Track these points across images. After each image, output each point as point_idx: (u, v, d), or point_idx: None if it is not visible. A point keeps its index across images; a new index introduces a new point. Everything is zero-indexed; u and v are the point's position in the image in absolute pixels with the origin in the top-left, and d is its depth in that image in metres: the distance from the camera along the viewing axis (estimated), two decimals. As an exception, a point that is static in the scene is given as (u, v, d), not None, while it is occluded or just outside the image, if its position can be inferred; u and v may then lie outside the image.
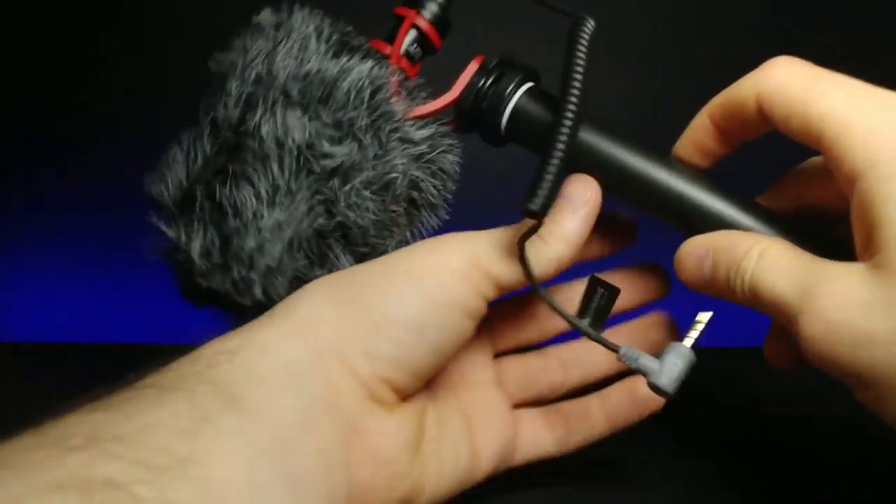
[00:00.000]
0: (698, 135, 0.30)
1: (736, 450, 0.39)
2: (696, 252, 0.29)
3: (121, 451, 0.20)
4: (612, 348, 0.27)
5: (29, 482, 0.19)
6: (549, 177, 0.25)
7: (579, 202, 0.29)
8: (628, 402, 0.32)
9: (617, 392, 0.33)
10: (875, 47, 0.54)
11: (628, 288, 0.33)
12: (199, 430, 0.22)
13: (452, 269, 0.26)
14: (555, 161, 0.26)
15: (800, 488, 0.35)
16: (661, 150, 0.31)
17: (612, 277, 0.30)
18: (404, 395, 0.27)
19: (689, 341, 0.27)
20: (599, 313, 0.28)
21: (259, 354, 0.24)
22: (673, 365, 0.26)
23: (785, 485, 0.36)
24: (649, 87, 0.57)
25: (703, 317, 0.27)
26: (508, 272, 0.27)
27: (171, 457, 0.21)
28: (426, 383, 0.28)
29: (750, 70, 0.28)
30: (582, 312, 0.28)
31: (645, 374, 0.26)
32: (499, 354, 0.34)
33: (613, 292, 0.28)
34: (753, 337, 0.32)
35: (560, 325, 0.34)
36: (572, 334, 0.33)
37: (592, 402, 0.33)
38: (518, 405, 0.33)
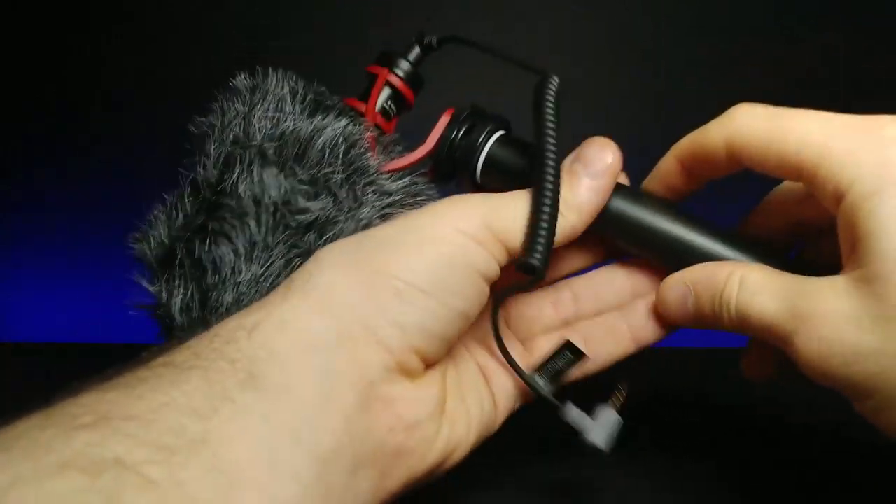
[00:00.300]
0: (667, 176, 0.31)
1: (732, 449, 0.39)
2: (676, 289, 0.29)
3: (132, 431, 0.20)
4: (556, 406, 0.28)
5: (34, 463, 0.18)
6: (544, 229, 0.26)
7: (597, 169, 0.28)
8: (655, 315, 0.31)
9: (642, 306, 0.31)
10: (877, 46, 0.54)
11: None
12: (215, 409, 0.21)
13: (468, 234, 0.26)
14: (547, 212, 0.26)
15: (796, 488, 0.35)
16: (664, 148, 0.31)
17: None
18: (430, 363, 0.26)
19: (614, 407, 0.29)
20: (557, 373, 0.29)
21: (279, 331, 0.23)
22: (609, 426, 0.28)
23: (781, 485, 0.36)
24: (652, 85, 0.57)
25: (624, 386, 0.29)
26: (520, 241, 0.27)
27: (183, 437, 0.20)
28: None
29: (753, 68, 0.28)
30: (541, 368, 0.29)
31: (582, 432, 0.28)
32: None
33: (580, 358, 0.29)
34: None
35: (571, 267, 0.32)
36: (586, 270, 0.33)
37: (614, 319, 0.31)
38: (529, 340, 0.32)
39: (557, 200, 0.26)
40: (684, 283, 0.29)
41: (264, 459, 0.21)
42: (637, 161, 0.32)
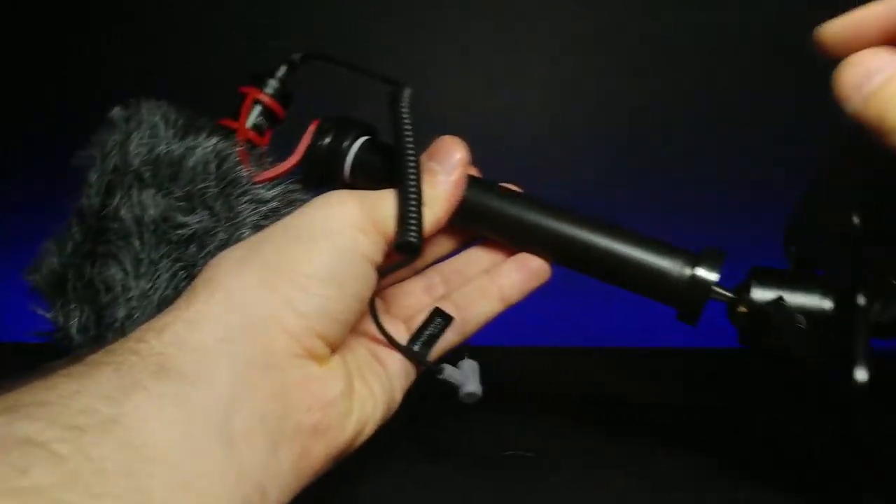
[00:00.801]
0: (854, 40, 0.25)
1: (732, 449, 0.39)
2: (857, 71, 0.24)
3: (42, 415, 0.20)
4: (435, 371, 0.31)
5: None
6: (414, 212, 0.29)
7: (450, 165, 0.31)
8: (520, 273, 0.33)
9: (507, 267, 0.34)
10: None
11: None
12: (127, 396, 0.22)
13: (355, 225, 0.28)
14: (414, 200, 0.29)
15: (797, 488, 0.35)
16: (663, 147, 0.31)
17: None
18: (334, 347, 0.28)
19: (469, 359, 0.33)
20: (430, 339, 0.32)
21: (189, 328, 0.25)
22: (475, 373, 0.32)
23: (779, 482, 0.36)
24: (651, 85, 0.57)
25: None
26: (394, 229, 0.29)
27: (94, 418, 0.21)
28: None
29: (752, 67, 0.27)
30: (415, 336, 0.32)
31: (459, 386, 0.31)
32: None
33: (448, 321, 0.32)
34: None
35: (437, 254, 0.35)
36: (453, 255, 0.36)
37: (483, 281, 0.34)
38: (410, 321, 0.34)
39: (420, 190, 0.30)
40: (871, 70, 0.24)
41: (177, 439, 0.22)
42: (637, 161, 0.33)
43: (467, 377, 0.32)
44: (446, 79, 0.56)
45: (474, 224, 0.34)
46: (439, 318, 0.32)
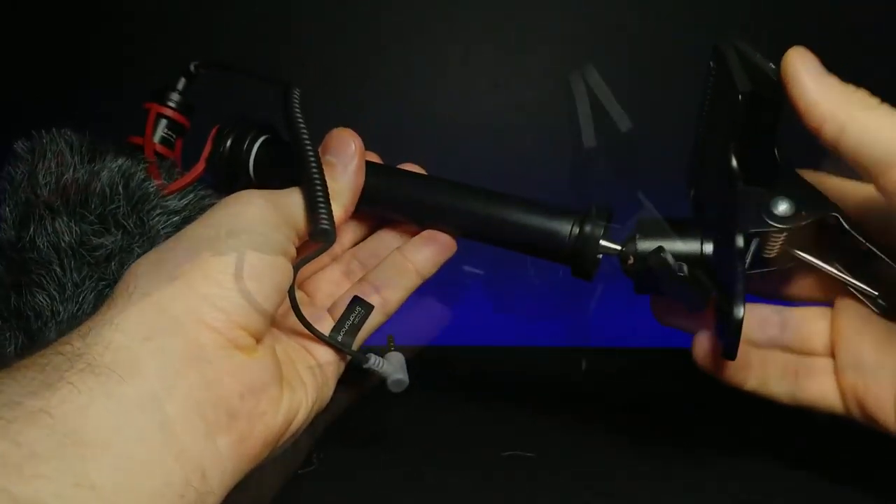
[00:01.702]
0: None
1: (735, 449, 0.39)
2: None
3: None
4: (361, 359, 0.33)
5: None
6: (322, 203, 0.30)
7: (347, 156, 0.33)
8: (431, 247, 0.35)
9: (418, 242, 0.36)
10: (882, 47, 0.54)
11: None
12: (53, 391, 0.23)
13: (265, 221, 0.29)
14: (321, 192, 0.30)
15: (798, 486, 0.35)
16: (662, 146, 0.31)
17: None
18: (259, 338, 0.29)
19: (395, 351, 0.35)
20: (353, 328, 0.33)
21: (112, 330, 0.26)
22: (401, 364, 0.34)
23: (781, 482, 0.36)
24: (649, 81, 0.57)
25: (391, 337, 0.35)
26: (304, 221, 0.31)
27: (18, 410, 0.22)
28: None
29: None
30: (338, 326, 0.33)
31: (386, 376, 0.33)
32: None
33: (369, 309, 0.33)
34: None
35: (350, 241, 0.38)
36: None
37: (397, 259, 0.35)
38: (334, 309, 0.35)
39: (325, 180, 0.31)
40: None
41: (110, 424, 0.23)
42: (636, 160, 0.32)
43: (394, 367, 0.34)
44: (446, 78, 0.57)
45: (380, 208, 0.36)
46: (359, 307, 0.33)
